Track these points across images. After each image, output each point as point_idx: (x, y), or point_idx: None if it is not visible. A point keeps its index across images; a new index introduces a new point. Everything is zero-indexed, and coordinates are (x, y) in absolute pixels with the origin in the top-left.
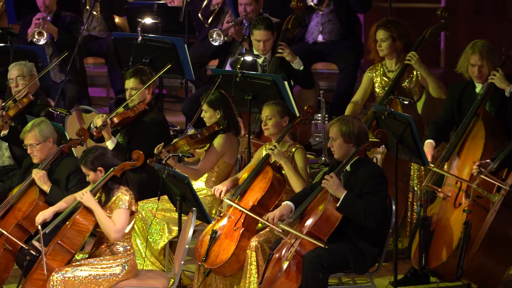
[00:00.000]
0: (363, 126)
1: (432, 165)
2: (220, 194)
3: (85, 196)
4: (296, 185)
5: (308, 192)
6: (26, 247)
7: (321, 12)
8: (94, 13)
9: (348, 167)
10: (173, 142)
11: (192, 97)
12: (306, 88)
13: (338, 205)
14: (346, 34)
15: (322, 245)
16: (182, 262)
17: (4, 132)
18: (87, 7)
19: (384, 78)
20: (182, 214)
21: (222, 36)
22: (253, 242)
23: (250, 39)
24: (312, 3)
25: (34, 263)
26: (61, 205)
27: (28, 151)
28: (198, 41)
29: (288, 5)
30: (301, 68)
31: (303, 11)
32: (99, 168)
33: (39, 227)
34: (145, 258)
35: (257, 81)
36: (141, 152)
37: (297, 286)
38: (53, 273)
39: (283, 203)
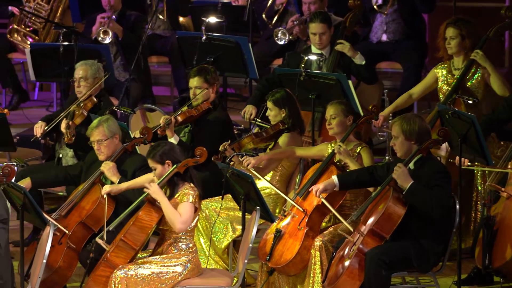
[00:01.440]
0: (425, 124)
1: (469, 164)
2: (248, 165)
3: (152, 187)
4: None
5: (363, 175)
6: (92, 243)
7: (384, 15)
8: (161, 16)
9: (411, 165)
10: (238, 140)
11: None
12: (369, 83)
13: (404, 193)
14: (410, 33)
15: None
16: (246, 261)
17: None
18: (153, 8)
19: (449, 75)
20: (246, 213)
21: (287, 35)
22: (317, 241)
23: None
24: (375, 6)
25: (97, 261)
26: (130, 184)
27: (95, 148)
28: (263, 40)
29: None
30: (363, 62)
31: (361, 9)
32: (167, 161)
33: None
34: (209, 257)
35: (321, 80)
36: (204, 148)
37: (359, 283)
38: (115, 270)
39: (330, 179)
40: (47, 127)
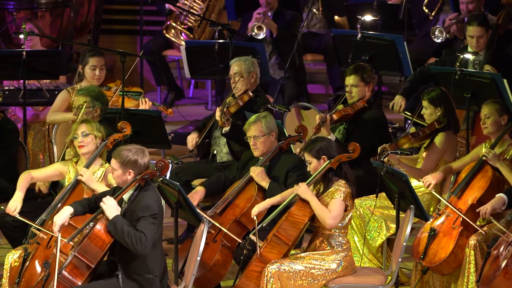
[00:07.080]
0: None
1: None
2: (429, 186)
3: (301, 188)
4: None
5: None
6: (244, 242)
7: None
8: (314, 10)
9: None
10: (395, 140)
11: None
12: None
13: None
14: None
15: None
16: (400, 260)
17: (226, 129)
18: (312, 9)
19: None
20: (400, 212)
21: (444, 33)
22: (472, 240)
23: None
24: None
25: (250, 258)
26: (276, 199)
27: (251, 143)
28: (418, 38)
29: None
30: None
31: None
32: (323, 156)
33: (255, 220)
34: (363, 255)
35: (476, 79)
36: (358, 144)
37: None
38: (268, 265)
39: (496, 196)
40: (198, 138)
